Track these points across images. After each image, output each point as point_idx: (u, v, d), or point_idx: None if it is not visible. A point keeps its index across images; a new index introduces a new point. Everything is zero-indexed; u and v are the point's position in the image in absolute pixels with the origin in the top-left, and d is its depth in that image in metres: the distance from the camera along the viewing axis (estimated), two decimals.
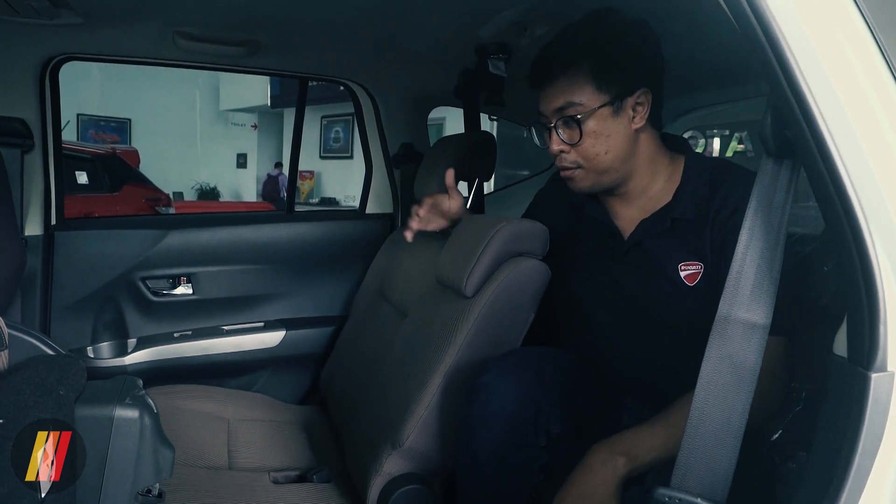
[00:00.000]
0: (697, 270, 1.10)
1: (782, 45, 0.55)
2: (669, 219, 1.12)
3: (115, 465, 0.85)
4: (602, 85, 1.09)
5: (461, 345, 1.20)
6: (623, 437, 0.97)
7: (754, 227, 0.69)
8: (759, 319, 0.68)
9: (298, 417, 1.83)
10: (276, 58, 1.82)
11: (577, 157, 1.13)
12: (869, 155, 0.57)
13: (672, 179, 1.16)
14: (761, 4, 0.55)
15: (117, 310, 1.87)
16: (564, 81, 1.11)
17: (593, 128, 1.10)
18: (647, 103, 1.11)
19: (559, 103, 1.11)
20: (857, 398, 0.56)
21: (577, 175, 1.15)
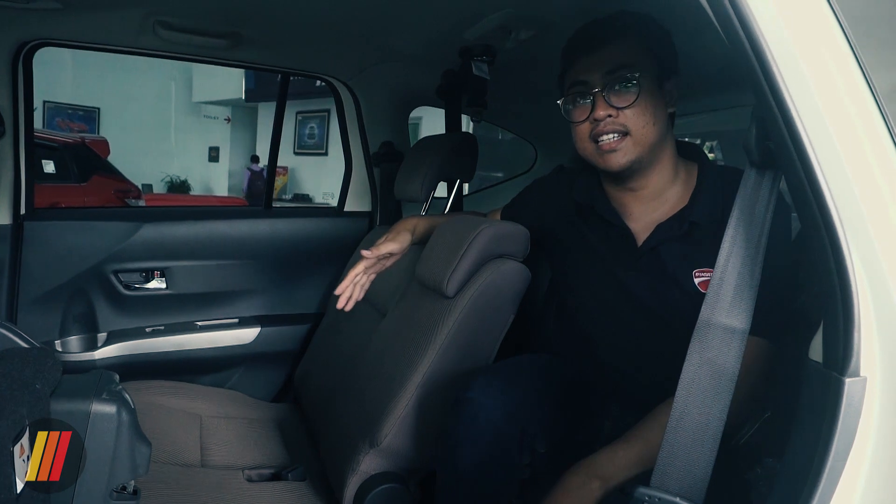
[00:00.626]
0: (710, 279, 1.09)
1: (769, 61, 0.57)
2: (688, 222, 1.10)
3: (91, 461, 0.83)
4: (652, 56, 1.09)
5: (441, 345, 1.21)
6: (599, 458, 0.97)
7: (737, 234, 0.71)
8: (738, 325, 0.70)
9: (272, 415, 1.81)
10: (258, 51, 1.80)
11: (626, 122, 1.08)
12: (848, 166, 0.59)
13: (687, 184, 1.15)
14: (751, 24, 0.57)
15: (88, 303, 1.83)
16: (618, 45, 1.09)
17: (646, 94, 1.07)
18: (676, 92, 1.13)
19: (612, 65, 1.08)
20: (831, 402, 0.58)
21: (624, 145, 1.09)
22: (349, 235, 2.07)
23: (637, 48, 1.09)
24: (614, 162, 1.10)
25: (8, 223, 1.68)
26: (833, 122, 0.59)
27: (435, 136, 1.87)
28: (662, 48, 1.12)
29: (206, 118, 14.87)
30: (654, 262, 1.13)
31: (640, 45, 1.09)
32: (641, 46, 1.09)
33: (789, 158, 0.59)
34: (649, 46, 1.10)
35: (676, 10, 1.21)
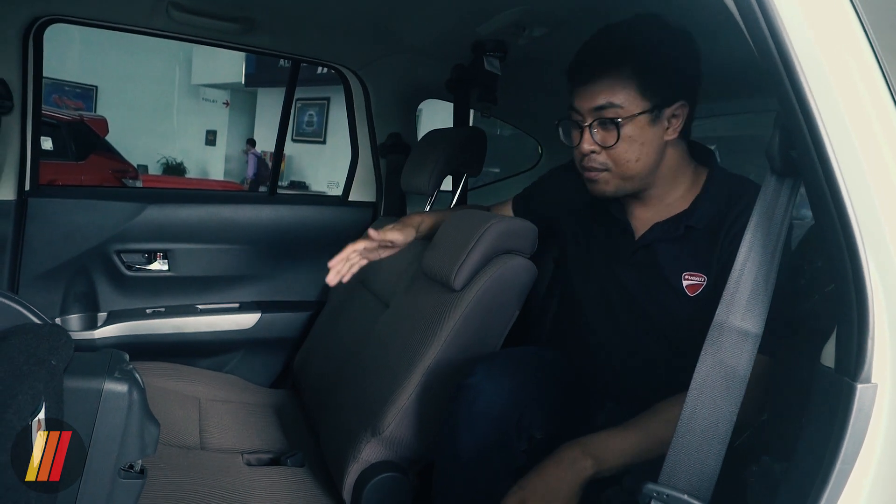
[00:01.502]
0: (700, 282, 1.10)
1: (797, 70, 0.58)
2: (684, 226, 1.12)
3: (101, 439, 0.84)
4: (646, 91, 1.06)
5: (447, 337, 1.22)
6: (595, 439, 0.98)
7: (755, 240, 0.72)
8: (752, 328, 0.72)
9: (270, 400, 1.82)
10: (270, 37, 1.80)
11: (608, 160, 1.10)
12: (869, 176, 0.60)
13: (692, 189, 1.16)
14: (780, 31, 0.58)
15: (89, 282, 1.83)
16: (608, 81, 1.06)
17: (630, 133, 1.07)
18: (683, 117, 1.09)
19: (599, 102, 1.07)
20: (842, 407, 0.59)
21: (603, 178, 1.12)
22: (353, 225, 2.07)
23: (629, 82, 1.05)
24: (598, 191, 1.14)
25: (12, 199, 1.68)
26: (856, 131, 0.61)
27: (443, 129, 1.87)
28: (665, 75, 1.07)
29: (205, 101, 14.79)
30: (647, 259, 1.15)
31: (633, 78, 1.05)
32: (635, 81, 1.05)
33: (812, 167, 0.60)
34: (644, 80, 1.06)
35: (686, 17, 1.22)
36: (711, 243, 1.09)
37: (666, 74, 1.07)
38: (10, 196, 1.67)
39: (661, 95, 1.06)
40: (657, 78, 1.06)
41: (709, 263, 1.09)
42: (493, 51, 1.70)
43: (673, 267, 1.12)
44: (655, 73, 1.06)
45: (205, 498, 1.21)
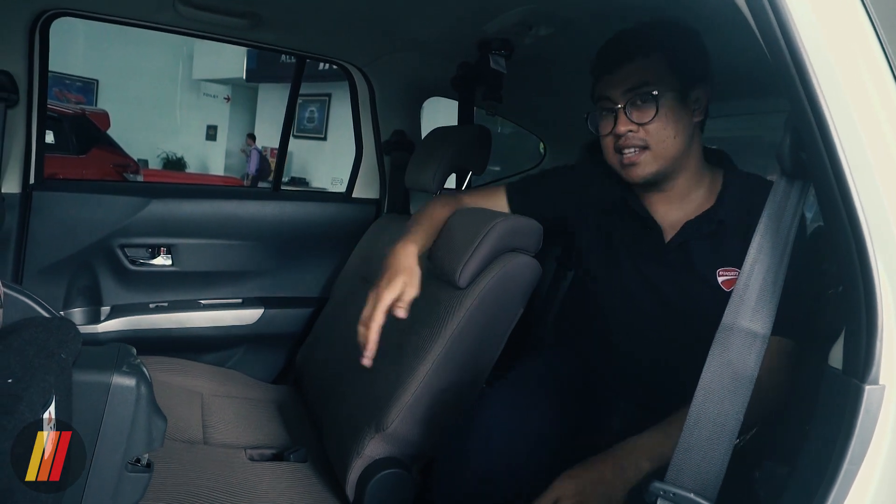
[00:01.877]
0: (734, 277, 1.10)
1: (809, 73, 0.59)
2: (716, 221, 1.14)
3: (108, 433, 0.84)
4: (676, 71, 1.12)
5: (452, 334, 1.22)
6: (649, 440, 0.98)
7: (763, 241, 0.73)
8: (760, 330, 0.72)
9: (272, 396, 1.82)
10: (277, 33, 1.80)
11: (647, 137, 1.12)
12: (879, 180, 0.61)
13: (713, 188, 1.19)
14: (793, 36, 0.58)
15: (92, 276, 1.83)
16: (641, 63, 1.12)
17: (665, 110, 1.11)
18: (705, 101, 1.15)
19: (632, 83, 1.12)
20: (850, 408, 0.60)
21: (644, 158, 1.13)
22: (356, 221, 2.07)
23: (658, 64, 1.11)
24: (635, 174, 1.15)
25: (17, 192, 1.68)
26: (867, 134, 0.61)
27: (448, 127, 1.88)
28: (687, 58, 1.14)
29: (206, 96, 14.77)
30: (681, 258, 1.16)
31: (661, 59, 1.12)
32: (663, 61, 1.11)
33: (822, 169, 0.61)
34: (672, 60, 1.12)
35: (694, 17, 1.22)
36: (743, 239, 1.07)
37: (692, 59, 1.14)
38: (14, 189, 1.67)
39: (689, 77, 1.12)
40: (686, 61, 1.12)
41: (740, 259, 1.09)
42: (499, 49, 1.70)
43: (707, 264, 1.14)
44: (684, 57, 1.12)
45: (209, 492, 1.21)
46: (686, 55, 1.13)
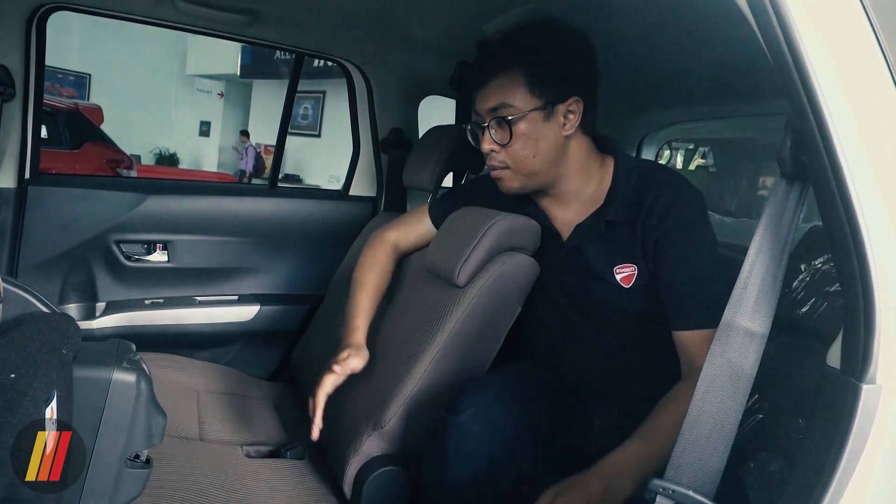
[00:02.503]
0: (632, 273, 1.14)
1: (811, 76, 0.60)
2: (604, 222, 1.16)
3: (108, 429, 0.84)
4: (535, 89, 1.12)
5: (450, 332, 1.23)
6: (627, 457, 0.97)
7: (763, 242, 0.74)
8: (758, 329, 0.73)
9: (268, 393, 1.82)
10: (275, 30, 1.80)
11: (506, 158, 1.16)
12: (878, 182, 0.62)
13: (604, 182, 1.20)
14: (795, 39, 0.59)
15: (88, 272, 1.83)
16: (499, 83, 1.14)
17: (524, 130, 1.13)
18: (579, 112, 1.15)
19: (493, 104, 1.14)
20: (848, 406, 0.61)
21: (506, 175, 1.19)
22: (353, 219, 2.08)
23: (520, 81, 1.12)
24: (505, 188, 1.21)
25: (12, 187, 1.67)
26: (866, 137, 0.62)
27: (446, 125, 1.88)
28: (554, 71, 1.13)
29: (199, 92, 14.70)
30: (578, 260, 1.20)
31: (522, 78, 1.12)
32: (523, 77, 1.12)
33: (822, 171, 0.61)
34: (533, 75, 1.12)
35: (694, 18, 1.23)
36: (632, 233, 1.14)
37: (556, 72, 1.13)
38: (10, 184, 1.67)
39: (552, 92, 1.12)
40: (546, 76, 1.12)
41: (635, 253, 1.14)
42: None
43: (603, 263, 1.16)
44: (544, 72, 1.12)
45: (205, 489, 1.21)
46: (552, 68, 1.12)
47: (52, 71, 12.46)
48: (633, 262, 1.14)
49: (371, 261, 1.42)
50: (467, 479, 1.06)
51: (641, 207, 1.13)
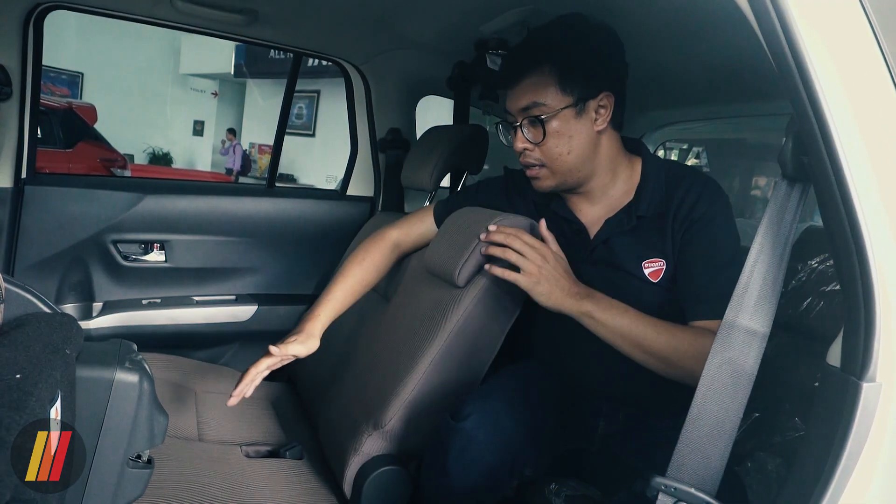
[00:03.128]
0: (660, 267, 1.16)
1: (813, 79, 0.60)
2: (635, 216, 1.17)
3: (111, 429, 0.84)
4: (566, 87, 1.13)
5: (450, 332, 1.23)
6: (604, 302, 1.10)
7: (764, 241, 0.74)
8: (759, 328, 0.74)
9: (266, 393, 1.82)
10: (273, 30, 1.79)
11: (541, 156, 1.17)
12: (877, 183, 0.63)
13: (631, 179, 1.22)
14: (798, 42, 0.60)
15: (85, 271, 1.82)
16: (530, 82, 1.15)
17: (557, 128, 1.14)
18: (610, 107, 1.16)
19: (525, 103, 1.15)
20: (848, 404, 0.62)
21: (542, 174, 1.19)
22: (351, 219, 2.08)
23: (551, 80, 1.13)
24: (539, 187, 1.22)
25: (9, 186, 1.66)
26: (867, 138, 0.63)
27: (445, 126, 1.89)
28: (585, 67, 1.13)
29: (193, 91, 14.64)
30: (606, 255, 1.20)
31: (555, 75, 1.13)
32: (555, 75, 1.13)
33: (823, 172, 0.62)
34: (564, 73, 1.13)
35: (695, 20, 1.24)
36: (662, 229, 1.16)
37: (586, 69, 1.13)
38: (6, 184, 1.66)
39: (584, 89, 1.13)
40: (577, 73, 1.13)
41: (664, 248, 1.15)
42: (496, 49, 1.71)
43: (631, 257, 1.17)
44: (575, 69, 1.13)
45: (205, 488, 1.21)
46: (582, 65, 1.13)
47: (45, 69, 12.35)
48: (663, 258, 1.15)
49: (362, 255, 1.42)
50: (468, 485, 1.06)
51: (671, 204, 1.15)
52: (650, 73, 1.69)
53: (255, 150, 13.77)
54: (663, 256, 1.16)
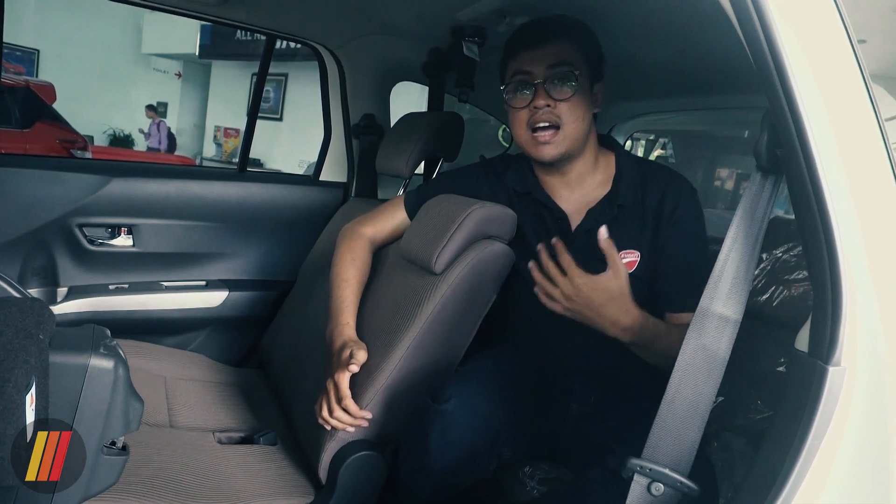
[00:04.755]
0: (635, 259, 1.21)
1: (789, 75, 0.62)
2: (616, 206, 1.22)
3: (85, 416, 0.83)
4: (587, 61, 1.23)
5: (427, 319, 1.24)
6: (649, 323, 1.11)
7: (738, 231, 0.77)
8: (732, 315, 0.77)
9: (237, 379, 1.81)
10: (247, 10, 1.76)
11: (561, 115, 1.20)
12: (846, 176, 0.66)
13: (607, 171, 1.29)
14: (776, 39, 0.62)
15: (48, 256, 1.77)
16: (561, 45, 1.21)
17: (579, 91, 1.20)
18: (600, 96, 1.27)
19: (554, 60, 1.19)
20: (815, 388, 0.65)
21: (555, 139, 1.21)
22: (323, 205, 2.06)
23: (575, 50, 1.21)
24: (546, 153, 1.23)
25: None
26: (838, 133, 0.65)
27: (420, 112, 1.88)
28: (596, 54, 1.26)
29: (156, 71, 14.22)
30: (587, 244, 1.21)
31: (578, 47, 1.22)
32: (579, 49, 1.22)
33: (797, 165, 0.65)
34: (585, 51, 1.23)
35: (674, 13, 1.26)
36: (640, 221, 1.22)
37: (598, 55, 1.26)
38: None
39: (595, 71, 1.25)
40: (593, 53, 1.24)
41: (639, 241, 1.21)
42: (473, 36, 1.71)
43: None
44: (593, 51, 1.25)
45: (178, 475, 1.20)
46: (594, 51, 1.25)
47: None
48: (638, 250, 1.21)
49: (351, 255, 1.40)
50: (448, 466, 1.07)
51: (647, 198, 1.22)
52: (624, 63, 1.71)
53: (221, 134, 13.46)
54: (638, 248, 1.21)
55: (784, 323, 1.23)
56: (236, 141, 13.12)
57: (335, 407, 1.15)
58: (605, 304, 1.05)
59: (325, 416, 1.16)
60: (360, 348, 1.20)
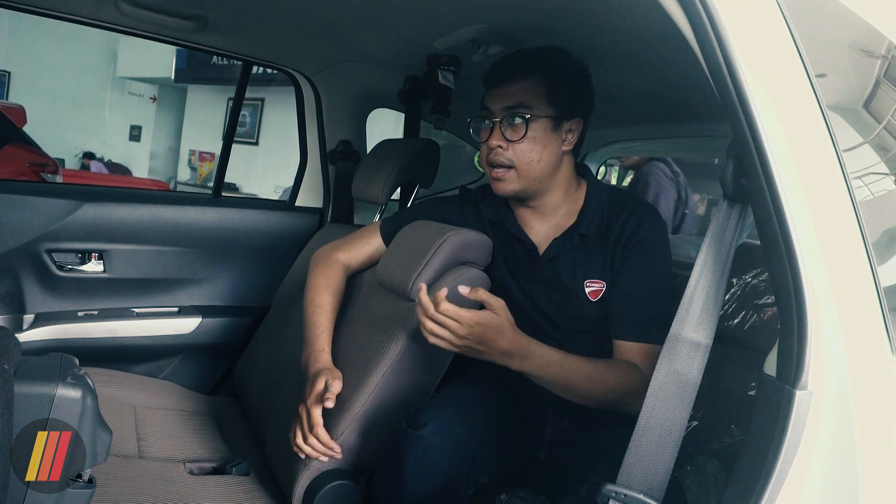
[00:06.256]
0: (600, 288, 1.23)
1: (752, 110, 0.65)
2: (577, 235, 1.24)
3: None
4: (552, 100, 1.21)
5: (402, 346, 1.23)
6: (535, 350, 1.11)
7: (707, 259, 0.79)
8: (703, 340, 0.78)
9: (209, 408, 1.77)
10: (224, 37, 1.76)
11: (513, 156, 1.22)
12: (808, 204, 0.68)
13: (577, 201, 1.30)
14: (741, 82, 0.65)
15: (15, 282, 1.73)
16: (521, 85, 1.21)
17: (535, 133, 1.21)
18: (577, 132, 1.26)
19: (510, 102, 1.21)
20: (783, 411, 0.66)
21: (509, 176, 1.23)
22: (299, 230, 2.05)
23: (538, 90, 1.22)
24: (500, 189, 1.26)
25: None
26: (799, 163, 0.68)
27: (397, 139, 1.89)
28: (567, 90, 1.24)
29: (131, 95, 14.10)
30: (551, 273, 1.26)
31: (542, 87, 1.22)
32: (543, 87, 1.21)
33: (761, 193, 0.67)
34: (551, 88, 1.22)
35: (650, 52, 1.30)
36: (603, 250, 1.23)
37: (570, 91, 1.24)
38: None
39: (564, 108, 1.23)
40: (563, 91, 1.23)
41: (604, 269, 1.23)
42: (448, 65, 1.74)
43: (574, 276, 1.24)
44: (562, 87, 1.23)
45: None
46: (566, 87, 1.23)
47: None
48: (603, 279, 1.22)
49: (326, 281, 1.39)
50: (425, 493, 1.06)
51: (612, 227, 1.23)
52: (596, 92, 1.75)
53: (196, 158, 13.35)
54: (603, 278, 1.23)
55: (755, 347, 1.25)
56: (211, 165, 13.02)
57: (308, 434, 1.13)
58: (495, 338, 1.05)
59: (300, 443, 1.14)
60: (336, 378, 1.17)
